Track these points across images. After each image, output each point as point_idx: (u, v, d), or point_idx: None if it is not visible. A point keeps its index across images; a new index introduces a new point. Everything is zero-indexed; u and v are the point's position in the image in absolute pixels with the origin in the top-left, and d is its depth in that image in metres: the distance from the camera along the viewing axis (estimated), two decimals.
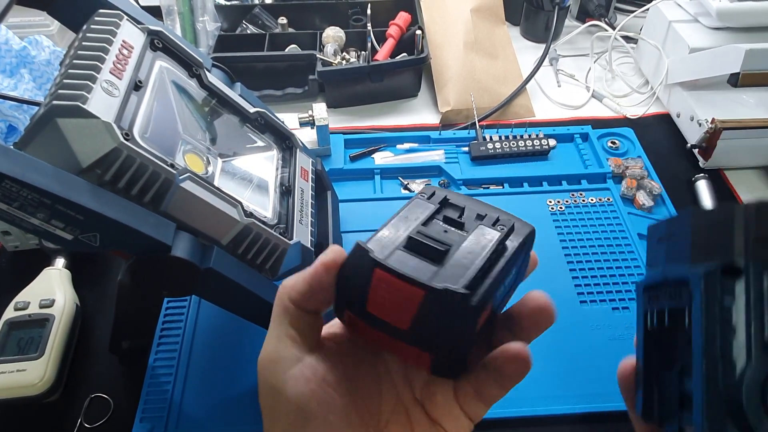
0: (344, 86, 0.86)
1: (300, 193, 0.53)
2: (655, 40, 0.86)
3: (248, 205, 0.46)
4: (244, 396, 0.52)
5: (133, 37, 0.44)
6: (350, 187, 0.73)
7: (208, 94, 0.51)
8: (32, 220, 0.34)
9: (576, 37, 0.96)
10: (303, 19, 0.95)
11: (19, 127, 0.68)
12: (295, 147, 0.56)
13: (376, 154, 0.76)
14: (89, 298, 0.60)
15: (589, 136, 0.78)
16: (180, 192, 0.40)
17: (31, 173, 0.33)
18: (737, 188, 0.74)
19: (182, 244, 0.39)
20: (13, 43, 0.71)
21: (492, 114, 0.85)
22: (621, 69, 0.94)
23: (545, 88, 0.91)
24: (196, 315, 0.58)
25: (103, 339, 0.57)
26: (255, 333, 0.55)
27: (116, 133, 0.37)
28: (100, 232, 0.36)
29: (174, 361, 0.54)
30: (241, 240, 0.44)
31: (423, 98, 0.90)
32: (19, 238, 0.63)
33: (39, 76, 0.73)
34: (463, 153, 0.77)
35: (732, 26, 0.79)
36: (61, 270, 0.59)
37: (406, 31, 0.91)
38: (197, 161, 0.46)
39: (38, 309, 0.54)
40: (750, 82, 0.71)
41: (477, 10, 0.90)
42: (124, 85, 0.41)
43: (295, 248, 0.48)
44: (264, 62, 0.86)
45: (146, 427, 0.49)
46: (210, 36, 0.90)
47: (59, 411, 0.52)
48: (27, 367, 0.50)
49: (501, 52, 0.91)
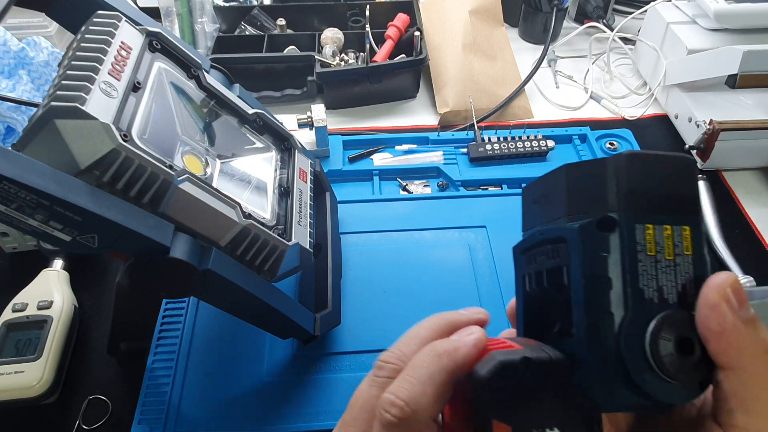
0: (343, 87, 0.86)
1: (299, 195, 0.53)
2: (653, 42, 0.86)
3: (247, 207, 0.46)
4: (242, 397, 0.52)
5: (132, 39, 0.44)
6: (349, 188, 0.73)
7: (207, 95, 0.51)
8: (30, 221, 0.34)
9: (574, 39, 0.97)
10: (302, 20, 0.95)
11: (17, 128, 0.68)
12: (294, 148, 0.56)
13: (374, 155, 0.76)
14: (87, 299, 0.60)
15: (587, 138, 0.79)
16: (178, 193, 0.40)
17: (29, 174, 0.33)
18: (735, 189, 0.74)
19: (181, 246, 0.39)
20: (11, 45, 0.71)
21: (490, 115, 0.85)
22: (619, 70, 0.94)
23: (544, 90, 0.91)
24: (194, 317, 0.57)
25: (101, 341, 0.57)
26: (253, 334, 0.55)
27: (114, 134, 0.37)
28: (99, 234, 0.36)
29: (172, 363, 0.54)
30: (239, 241, 0.44)
31: (421, 100, 0.90)
32: (17, 240, 0.63)
33: (37, 78, 0.73)
34: (461, 154, 0.77)
35: (730, 28, 0.79)
36: (60, 271, 0.59)
37: (404, 32, 0.91)
38: (196, 162, 0.46)
39: (36, 310, 0.54)
40: (748, 84, 0.71)
41: (475, 12, 0.90)
42: (123, 87, 0.41)
43: (294, 249, 0.48)
44: (262, 63, 0.86)
45: (144, 428, 0.49)
46: (208, 37, 0.90)
47: (57, 413, 0.52)
48: (25, 369, 0.50)
49: (499, 53, 0.91)
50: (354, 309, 0.58)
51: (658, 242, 0.22)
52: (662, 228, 0.22)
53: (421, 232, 0.66)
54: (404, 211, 0.68)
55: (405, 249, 0.64)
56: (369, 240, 0.65)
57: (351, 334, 0.56)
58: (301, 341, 0.53)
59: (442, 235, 0.65)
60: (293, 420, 0.50)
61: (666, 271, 0.22)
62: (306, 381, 0.53)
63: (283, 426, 0.50)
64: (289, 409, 0.51)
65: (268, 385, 0.52)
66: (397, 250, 0.64)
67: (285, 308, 0.47)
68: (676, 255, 0.22)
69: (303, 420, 0.50)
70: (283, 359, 0.54)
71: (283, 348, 0.55)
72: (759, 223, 0.70)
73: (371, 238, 0.65)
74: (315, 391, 0.52)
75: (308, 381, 0.53)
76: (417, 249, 0.64)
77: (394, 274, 0.61)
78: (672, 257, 0.22)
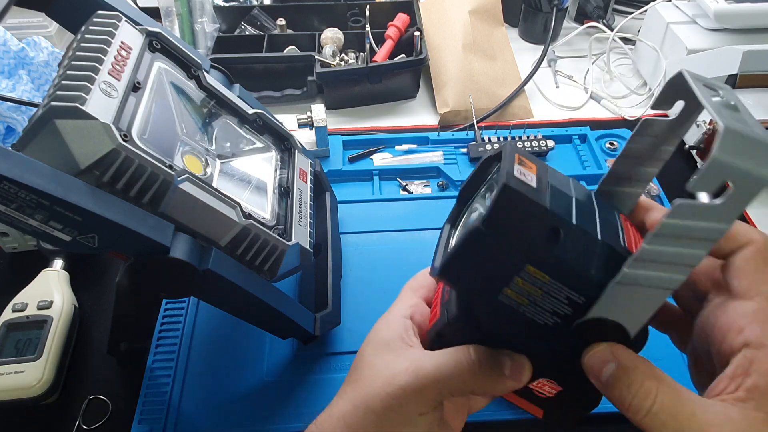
0: (343, 87, 0.86)
1: (299, 195, 0.53)
2: (653, 42, 0.86)
3: (247, 207, 0.46)
4: (242, 397, 0.52)
5: (132, 39, 0.44)
6: (349, 188, 0.73)
7: (207, 95, 0.51)
8: (30, 221, 0.34)
9: (574, 39, 0.97)
10: (301, 20, 0.95)
11: (17, 128, 0.68)
12: (294, 148, 0.56)
13: (374, 155, 0.76)
14: (87, 299, 0.60)
15: (587, 138, 0.79)
16: (178, 193, 0.40)
17: (29, 174, 0.33)
18: None
19: (181, 246, 0.39)
20: (11, 45, 0.71)
21: (490, 115, 0.85)
22: (619, 70, 0.94)
23: (543, 90, 0.91)
24: (194, 316, 0.57)
25: (101, 341, 0.57)
26: (253, 334, 0.55)
27: (114, 134, 0.37)
28: (99, 234, 0.36)
29: (172, 363, 0.54)
30: (239, 241, 0.44)
31: (421, 100, 0.90)
32: (17, 240, 0.63)
33: (37, 78, 0.73)
34: (461, 154, 0.77)
35: (730, 28, 0.79)
36: (60, 271, 0.59)
37: (404, 32, 0.91)
38: (196, 162, 0.46)
39: (36, 310, 0.54)
40: (748, 84, 0.72)
41: (475, 12, 0.90)
42: (123, 87, 0.41)
43: (294, 249, 0.48)
44: (262, 63, 0.86)
45: (144, 428, 0.49)
46: (208, 37, 0.90)
47: (57, 413, 0.52)
48: (25, 369, 0.50)
49: (499, 53, 0.91)
50: (354, 309, 0.58)
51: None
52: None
53: (421, 232, 0.66)
54: (404, 211, 0.68)
55: (405, 249, 0.64)
56: (369, 240, 0.65)
57: (351, 334, 0.56)
58: (301, 341, 0.53)
59: None
60: (293, 420, 0.50)
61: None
62: (306, 381, 0.53)
63: (282, 426, 0.50)
64: (289, 409, 0.51)
65: (268, 385, 0.52)
66: (397, 250, 0.64)
67: (285, 308, 0.47)
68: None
69: (302, 420, 0.50)
70: (283, 359, 0.54)
71: (283, 348, 0.55)
72: (759, 223, 0.70)
73: (371, 238, 0.65)
74: (315, 391, 0.52)
75: (308, 381, 0.53)
76: (417, 249, 0.64)
77: (394, 274, 0.61)
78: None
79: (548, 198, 0.26)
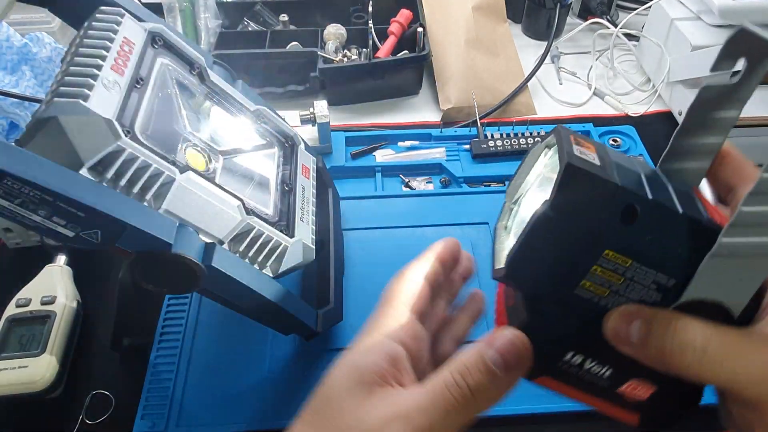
0: (345, 84, 0.86)
1: (301, 191, 0.53)
2: (657, 38, 0.86)
3: (249, 203, 0.46)
4: (244, 393, 0.52)
5: (135, 34, 0.44)
6: (351, 184, 0.73)
7: (210, 91, 0.51)
8: (34, 217, 0.35)
9: (578, 35, 0.96)
10: (304, 16, 0.95)
11: (20, 124, 0.68)
12: (297, 144, 0.56)
13: (377, 151, 0.76)
14: (90, 295, 0.60)
15: (590, 134, 0.78)
16: (181, 189, 0.40)
17: (32, 170, 0.33)
18: None
19: (183, 242, 0.39)
20: (14, 40, 0.71)
21: (493, 112, 0.85)
22: (623, 67, 0.94)
23: (547, 86, 0.91)
24: (197, 312, 0.58)
25: (104, 336, 0.57)
26: (256, 330, 0.55)
27: (117, 130, 0.37)
28: (102, 230, 0.36)
29: (175, 358, 0.54)
30: (242, 237, 0.44)
31: (424, 96, 0.90)
32: (20, 235, 0.63)
33: (40, 73, 0.73)
34: (464, 151, 0.77)
35: (734, 24, 0.78)
36: (63, 267, 0.59)
37: (407, 28, 0.91)
38: (199, 158, 0.46)
39: (39, 306, 0.54)
40: None
41: (478, 8, 0.90)
42: (126, 82, 0.41)
43: (297, 246, 0.48)
44: (265, 59, 0.86)
45: (147, 423, 0.50)
46: (211, 33, 0.90)
47: (60, 408, 0.52)
48: (28, 364, 0.50)
49: (502, 49, 0.91)
50: (356, 305, 0.58)
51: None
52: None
53: (424, 229, 0.66)
54: (406, 208, 0.68)
55: (407, 245, 0.64)
56: (371, 236, 0.65)
57: (353, 330, 0.56)
58: (303, 337, 0.53)
59: (444, 231, 0.65)
60: (294, 415, 0.50)
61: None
62: (307, 377, 0.53)
63: (284, 421, 0.49)
64: (291, 404, 0.51)
65: (270, 381, 0.52)
66: (399, 246, 0.64)
67: (287, 304, 0.47)
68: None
69: None
70: (284, 355, 0.54)
71: (285, 344, 0.55)
72: None
73: (373, 235, 0.65)
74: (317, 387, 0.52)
75: (310, 377, 0.53)
76: (419, 245, 0.63)
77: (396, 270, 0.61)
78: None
79: (615, 174, 0.23)
